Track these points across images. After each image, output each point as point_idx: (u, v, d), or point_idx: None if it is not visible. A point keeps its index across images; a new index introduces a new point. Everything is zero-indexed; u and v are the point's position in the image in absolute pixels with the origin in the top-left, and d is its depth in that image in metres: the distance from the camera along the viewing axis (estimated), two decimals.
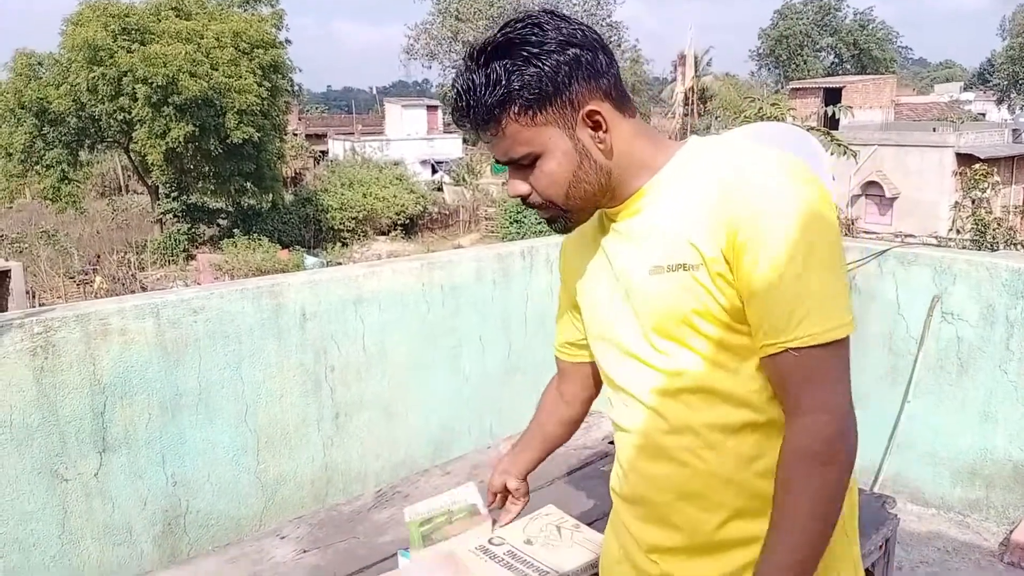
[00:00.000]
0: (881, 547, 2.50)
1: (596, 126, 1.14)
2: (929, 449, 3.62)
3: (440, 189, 29.80)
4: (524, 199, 1.20)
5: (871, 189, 26.17)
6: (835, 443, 1.09)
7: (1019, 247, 16.45)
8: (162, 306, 2.61)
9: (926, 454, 3.63)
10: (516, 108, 1.11)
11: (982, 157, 23.02)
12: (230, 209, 24.81)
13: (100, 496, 2.52)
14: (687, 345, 1.15)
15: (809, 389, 1.09)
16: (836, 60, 55.53)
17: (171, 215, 24.37)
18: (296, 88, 30.03)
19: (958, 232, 17.63)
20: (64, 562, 2.46)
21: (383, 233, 25.32)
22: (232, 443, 2.81)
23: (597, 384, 1.51)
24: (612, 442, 3.08)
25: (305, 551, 2.31)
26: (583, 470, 2.85)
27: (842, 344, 1.09)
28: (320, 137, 39.79)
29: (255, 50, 23.10)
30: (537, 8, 1.20)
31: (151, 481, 2.63)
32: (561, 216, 1.21)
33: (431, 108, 39.49)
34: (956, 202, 19.50)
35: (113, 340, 2.51)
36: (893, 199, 25.88)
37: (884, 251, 3.71)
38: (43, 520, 2.41)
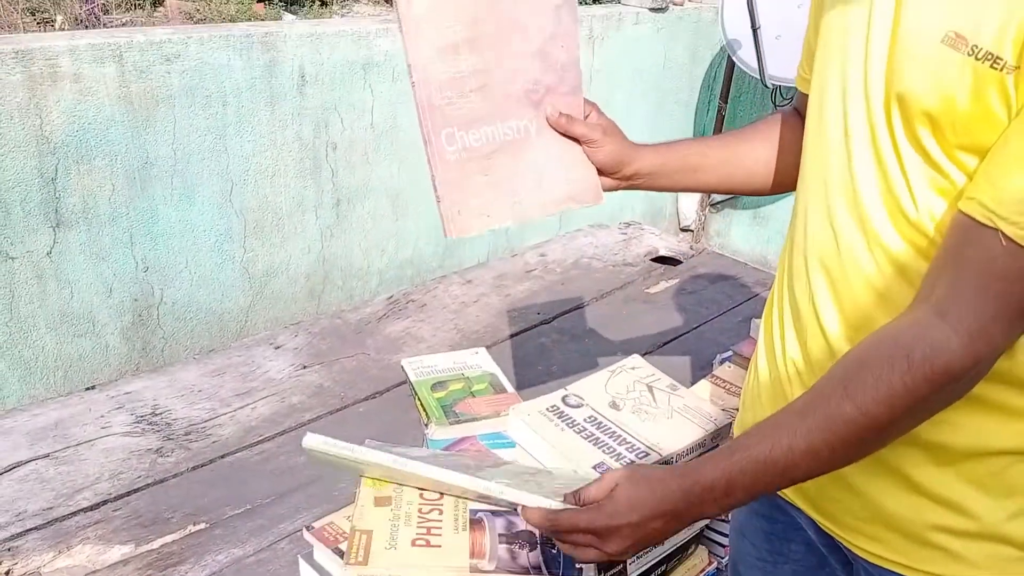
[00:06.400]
0: None
1: None
2: None
3: None
4: None
5: None
6: (953, 366, 0.69)
7: None
8: (126, 49, 2.06)
9: None
10: None
11: None
12: None
13: (55, 278, 2.10)
14: (957, 164, 0.72)
15: (973, 286, 0.69)
16: None
17: None
18: None
19: None
20: (14, 352, 2.08)
21: None
22: (214, 226, 2.36)
23: None
24: (668, 261, 2.69)
25: (305, 366, 1.94)
26: (624, 290, 2.47)
27: None
28: None
29: None
30: None
31: (117, 264, 2.20)
32: None
33: None
34: None
35: (64, 88, 1.99)
36: None
37: None
38: None
